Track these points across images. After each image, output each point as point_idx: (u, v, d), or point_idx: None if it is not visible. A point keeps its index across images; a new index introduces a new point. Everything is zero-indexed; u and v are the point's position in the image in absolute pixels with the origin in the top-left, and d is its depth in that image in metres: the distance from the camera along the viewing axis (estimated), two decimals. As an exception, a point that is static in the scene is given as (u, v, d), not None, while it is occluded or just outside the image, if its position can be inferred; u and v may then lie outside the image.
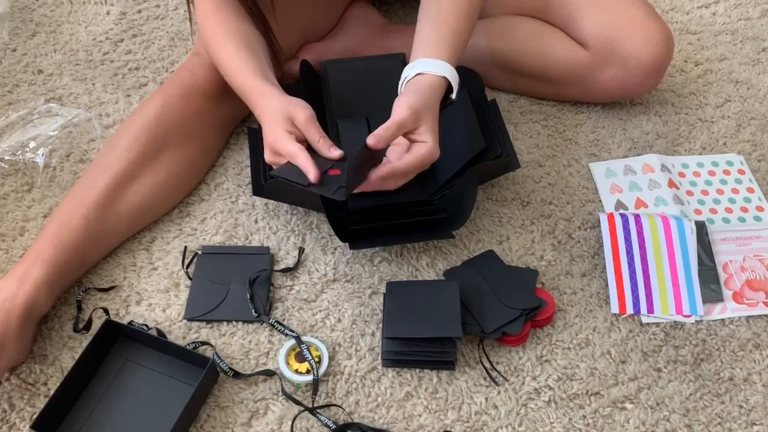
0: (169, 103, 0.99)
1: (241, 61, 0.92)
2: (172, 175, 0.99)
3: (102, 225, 0.92)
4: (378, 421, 0.84)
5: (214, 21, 0.96)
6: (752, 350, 0.91)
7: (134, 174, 0.95)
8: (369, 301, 0.94)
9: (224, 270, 0.95)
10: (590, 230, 1.03)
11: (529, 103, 1.19)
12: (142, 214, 0.97)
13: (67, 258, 0.89)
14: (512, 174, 1.08)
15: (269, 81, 0.92)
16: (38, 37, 1.27)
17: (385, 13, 1.29)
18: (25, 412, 0.83)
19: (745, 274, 0.97)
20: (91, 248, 0.92)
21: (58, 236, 0.89)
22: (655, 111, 1.18)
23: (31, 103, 1.14)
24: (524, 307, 0.89)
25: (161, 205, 1.00)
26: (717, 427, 0.85)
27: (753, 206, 1.06)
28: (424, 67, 0.88)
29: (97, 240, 0.93)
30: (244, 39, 0.95)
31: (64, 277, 0.89)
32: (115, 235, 0.95)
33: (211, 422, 0.83)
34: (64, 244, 0.89)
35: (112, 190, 0.94)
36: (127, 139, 0.97)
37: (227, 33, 0.95)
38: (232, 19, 0.96)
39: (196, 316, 0.91)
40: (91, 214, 0.92)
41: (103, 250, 0.95)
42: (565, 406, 0.86)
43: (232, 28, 0.95)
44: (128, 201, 0.95)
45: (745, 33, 1.32)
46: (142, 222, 0.99)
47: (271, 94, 0.89)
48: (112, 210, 0.93)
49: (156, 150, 0.97)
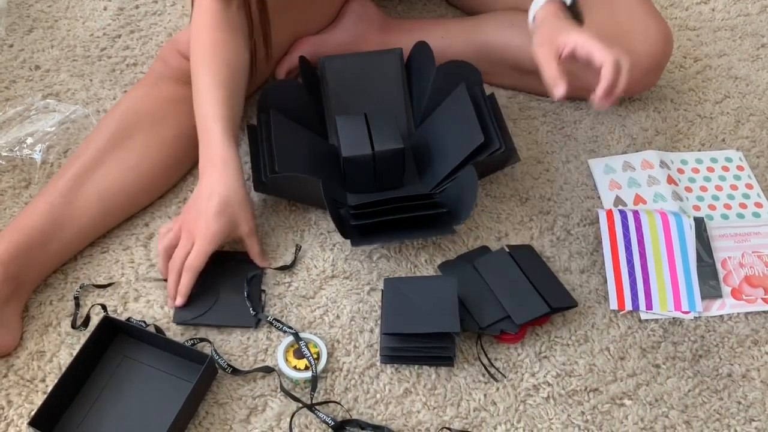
0: (141, 92, 1.00)
1: (215, 100, 0.92)
2: (145, 158, 0.98)
3: (67, 209, 0.92)
4: (377, 417, 0.84)
5: (208, 40, 0.95)
6: (751, 346, 0.91)
7: (102, 159, 0.96)
8: (367, 297, 0.94)
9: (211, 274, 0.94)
10: (589, 227, 1.02)
11: (527, 100, 1.18)
12: (113, 198, 0.96)
13: (24, 240, 0.88)
14: (511, 170, 1.08)
15: (231, 136, 0.92)
16: (35, 33, 1.26)
17: (384, 9, 1.29)
18: (23, 408, 0.83)
19: (744, 270, 0.97)
20: (55, 232, 0.91)
21: (20, 221, 0.91)
22: (654, 107, 1.18)
23: (28, 99, 1.14)
24: (561, 305, 0.90)
25: (137, 190, 0.98)
26: (715, 423, 0.85)
27: (752, 202, 1.06)
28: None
29: (62, 225, 0.92)
30: (228, 75, 0.94)
31: (20, 258, 0.88)
32: (84, 219, 0.94)
33: (210, 419, 0.83)
34: (23, 226, 0.90)
35: (79, 175, 0.94)
36: (98, 130, 0.98)
37: (214, 60, 0.94)
38: (228, 47, 0.95)
39: (186, 321, 0.90)
40: (55, 200, 0.92)
41: (73, 236, 0.94)
42: (563, 402, 0.86)
43: (222, 58, 0.94)
44: (96, 185, 0.94)
45: (745, 29, 1.32)
46: (118, 207, 0.97)
47: (227, 159, 0.90)
48: (79, 194, 0.93)
49: (126, 135, 0.97)
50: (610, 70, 0.83)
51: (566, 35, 0.87)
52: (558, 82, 0.85)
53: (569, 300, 0.92)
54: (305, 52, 1.13)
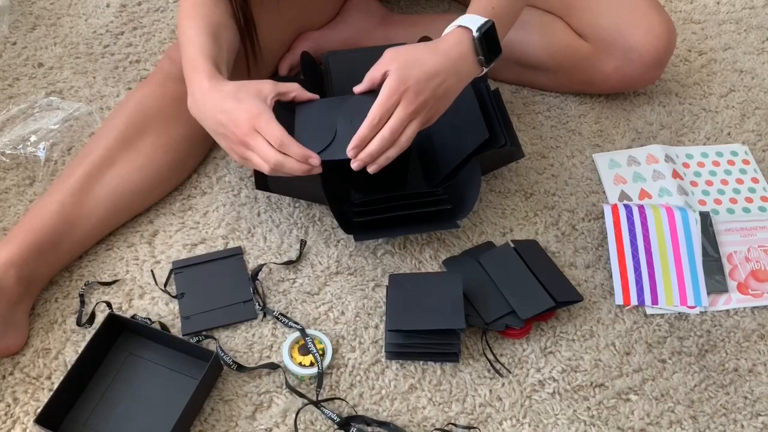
0: (149, 90, 1.00)
1: (200, 44, 0.90)
2: (154, 159, 0.98)
3: (78, 209, 0.92)
4: (382, 413, 0.84)
5: (190, 2, 0.94)
6: (757, 341, 0.91)
7: (112, 159, 0.95)
8: (372, 293, 0.94)
9: (204, 279, 0.94)
10: (594, 221, 1.02)
11: (531, 94, 1.18)
12: (122, 198, 0.96)
13: (36, 240, 0.88)
14: (515, 165, 1.08)
15: (218, 67, 0.89)
16: (38, 30, 1.26)
17: (387, 5, 1.29)
18: (29, 406, 0.83)
19: (750, 264, 0.97)
20: (66, 232, 0.91)
21: (30, 220, 0.90)
22: (659, 101, 1.18)
23: (31, 97, 1.14)
24: (566, 299, 0.90)
25: (145, 190, 0.98)
26: (722, 418, 0.84)
27: (757, 196, 1.05)
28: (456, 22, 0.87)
29: (73, 225, 0.92)
30: (210, 26, 0.93)
31: (32, 259, 0.88)
32: (94, 219, 0.94)
33: (216, 415, 0.83)
34: (34, 226, 0.89)
35: (89, 175, 0.94)
36: (106, 128, 0.98)
37: (195, 16, 0.93)
38: (208, 5, 0.94)
39: (195, 331, 0.90)
40: (65, 200, 0.92)
41: (82, 236, 0.94)
42: (569, 397, 0.86)
43: (203, 14, 0.93)
44: (106, 185, 0.94)
45: (750, 22, 1.31)
46: (126, 207, 0.97)
47: (215, 77, 0.87)
48: (89, 195, 0.93)
49: (135, 135, 0.97)
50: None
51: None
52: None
53: (574, 295, 0.91)
54: (307, 48, 1.13)
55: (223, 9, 0.96)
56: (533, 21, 1.11)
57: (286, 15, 1.10)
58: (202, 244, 0.98)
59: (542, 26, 1.10)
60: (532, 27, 1.10)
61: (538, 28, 1.10)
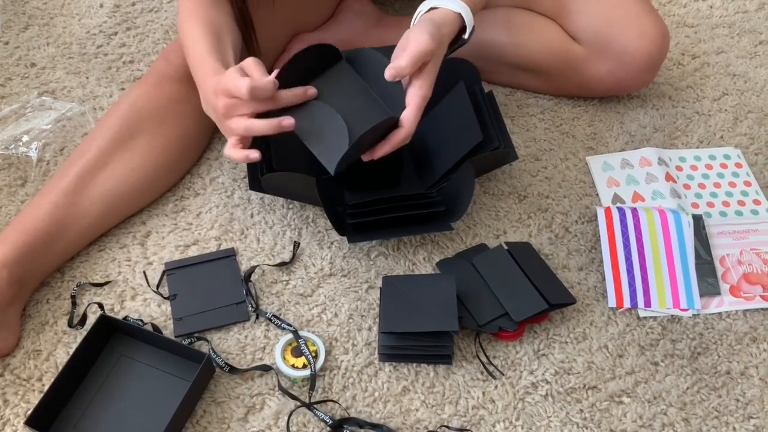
0: (144, 90, 0.99)
1: (206, 44, 0.90)
2: (149, 159, 0.97)
3: (71, 210, 0.92)
4: (375, 416, 0.84)
5: (191, 4, 0.94)
6: (749, 344, 0.91)
7: (106, 160, 0.95)
8: (366, 295, 0.94)
9: (197, 280, 0.94)
10: (587, 224, 1.02)
11: (525, 97, 1.18)
12: (116, 199, 0.96)
13: (29, 241, 0.88)
14: (509, 168, 1.08)
15: (226, 66, 0.88)
16: (31, 30, 1.26)
17: (381, 6, 1.28)
18: (19, 408, 0.83)
19: (742, 267, 0.97)
20: (59, 234, 0.91)
21: (23, 221, 0.90)
22: (652, 104, 1.18)
23: (24, 97, 1.13)
24: (559, 302, 0.89)
25: (139, 191, 0.98)
26: (714, 420, 0.85)
27: (750, 200, 1.05)
28: (438, 2, 0.87)
29: (66, 226, 0.91)
30: (214, 27, 0.93)
31: (25, 261, 0.87)
32: (88, 220, 0.94)
33: (208, 417, 0.83)
34: (27, 227, 0.89)
35: (82, 176, 0.93)
36: (100, 128, 0.97)
37: (199, 18, 0.93)
38: (210, 7, 0.94)
39: (187, 333, 0.89)
40: (59, 200, 0.91)
41: (76, 237, 0.93)
42: (562, 400, 0.86)
43: (206, 15, 0.93)
44: (100, 186, 0.94)
45: (743, 26, 1.32)
46: (120, 208, 0.97)
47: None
48: (83, 195, 0.93)
49: (129, 136, 0.96)
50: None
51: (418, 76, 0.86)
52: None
53: (568, 297, 0.91)
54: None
55: (224, 10, 0.96)
56: (527, 24, 1.11)
57: (282, 16, 1.10)
58: (195, 246, 0.98)
59: (536, 29, 1.10)
60: (526, 30, 1.11)
61: (532, 31, 1.11)
